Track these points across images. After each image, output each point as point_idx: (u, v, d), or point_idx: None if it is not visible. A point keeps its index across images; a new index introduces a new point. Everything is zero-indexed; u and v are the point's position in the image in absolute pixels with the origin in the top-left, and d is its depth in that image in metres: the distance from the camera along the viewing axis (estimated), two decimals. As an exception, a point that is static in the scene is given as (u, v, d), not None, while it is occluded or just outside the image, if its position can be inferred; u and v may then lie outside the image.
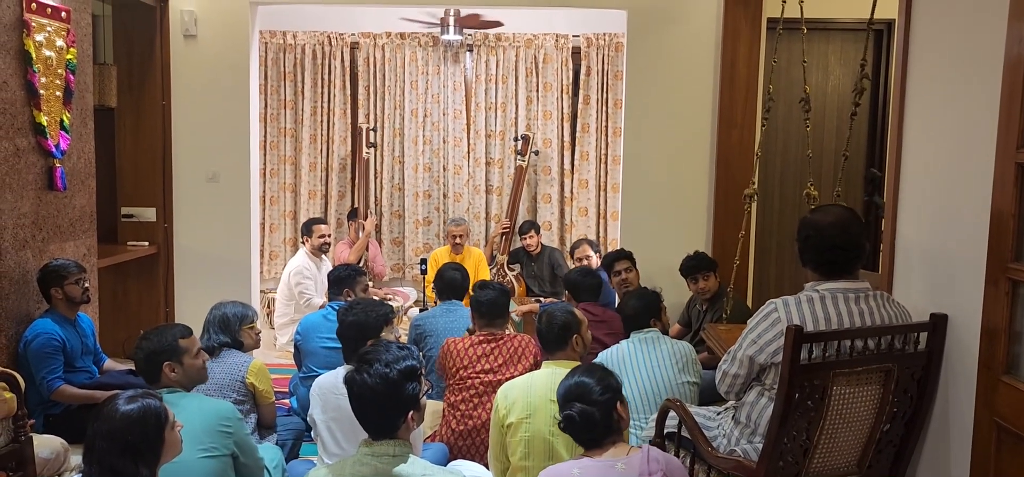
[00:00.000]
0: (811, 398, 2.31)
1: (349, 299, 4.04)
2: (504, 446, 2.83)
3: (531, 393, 2.80)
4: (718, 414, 2.69)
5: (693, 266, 4.41)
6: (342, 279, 4.23)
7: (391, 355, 2.09)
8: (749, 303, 4.91)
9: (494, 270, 6.36)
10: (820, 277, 2.42)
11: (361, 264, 6.19)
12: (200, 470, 2.49)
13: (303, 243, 5.76)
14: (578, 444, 2.26)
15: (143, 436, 2.03)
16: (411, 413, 2.08)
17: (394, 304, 5.89)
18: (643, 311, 3.48)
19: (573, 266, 5.58)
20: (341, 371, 2.99)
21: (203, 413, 2.59)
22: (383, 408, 2.05)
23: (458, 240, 6.05)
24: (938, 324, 2.44)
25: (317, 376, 3.19)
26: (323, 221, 6.03)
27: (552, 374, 2.86)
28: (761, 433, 2.42)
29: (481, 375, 3.36)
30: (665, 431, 2.77)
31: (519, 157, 6.50)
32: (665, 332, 3.54)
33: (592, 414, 2.17)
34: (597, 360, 3.36)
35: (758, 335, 2.42)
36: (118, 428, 2.00)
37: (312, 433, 3.05)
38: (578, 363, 2.99)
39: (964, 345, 2.38)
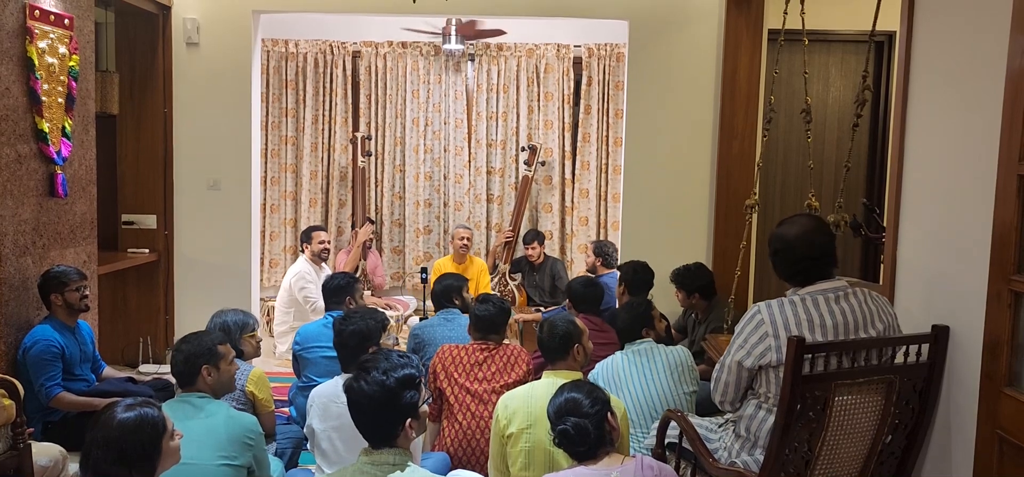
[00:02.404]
0: (812, 409, 2.30)
1: (351, 307, 4.02)
2: (504, 456, 2.82)
3: (532, 403, 2.79)
4: (719, 426, 2.68)
5: (672, 279, 4.45)
6: (342, 288, 4.22)
7: (389, 363, 2.09)
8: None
9: (496, 279, 6.35)
10: (793, 285, 2.45)
11: (358, 273, 6.18)
12: None
13: (303, 250, 5.76)
14: (572, 457, 2.28)
15: (139, 445, 2.02)
16: (409, 421, 2.08)
17: (395, 313, 5.89)
18: (633, 323, 3.43)
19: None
20: (339, 380, 2.99)
21: (230, 422, 2.64)
22: (381, 416, 2.05)
23: (465, 243, 6.03)
24: (940, 335, 2.44)
25: (316, 385, 3.19)
26: (323, 228, 6.03)
27: (553, 384, 2.84)
28: (761, 445, 2.42)
29: (475, 384, 3.36)
30: (666, 441, 2.77)
31: (525, 167, 6.50)
32: (660, 340, 3.50)
33: (585, 427, 2.20)
34: (590, 375, 3.34)
35: (744, 339, 2.43)
36: (114, 436, 2.00)
37: (308, 444, 3.03)
38: (579, 373, 2.98)
39: (966, 357, 2.38)
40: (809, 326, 2.34)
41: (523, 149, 6.62)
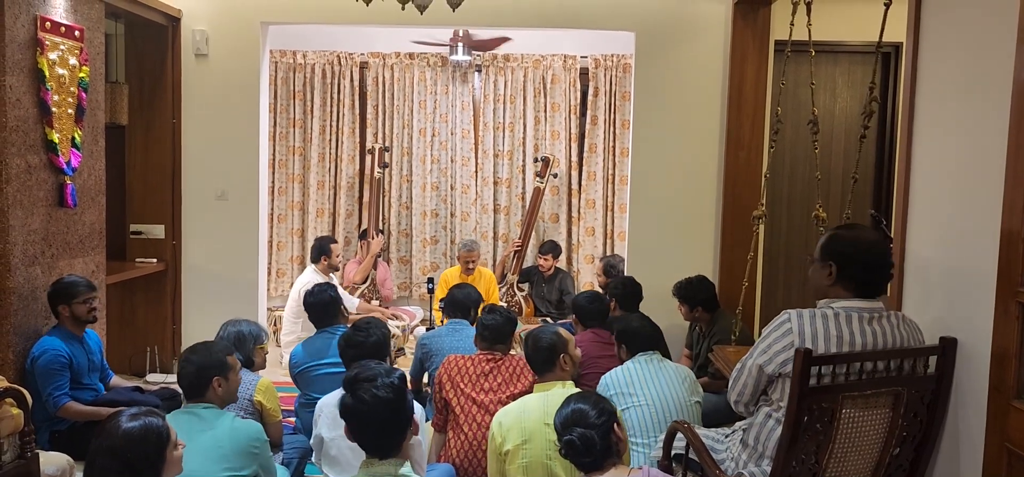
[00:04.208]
0: (820, 421, 2.29)
1: (356, 320, 3.96)
2: (503, 474, 2.82)
3: (525, 418, 2.80)
4: (726, 437, 2.67)
5: (675, 292, 4.45)
6: (335, 301, 4.08)
7: (385, 370, 2.10)
8: (756, 325, 4.89)
9: (503, 289, 6.35)
10: (853, 295, 2.41)
11: (367, 283, 6.19)
12: None
13: (318, 261, 5.69)
14: (578, 469, 2.27)
15: (143, 455, 2.03)
16: (414, 424, 2.10)
17: (400, 323, 5.89)
18: (653, 337, 3.47)
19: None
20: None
21: (235, 432, 2.65)
22: (388, 424, 2.05)
23: (470, 266, 6.04)
24: (947, 348, 2.43)
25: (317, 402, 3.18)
26: (336, 240, 6.04)
27: (544, 398, 2.87)
28: (769, 456, 2.40)
29: (481, 394, 3.36)
30: (673, 452, 2.76)
31: (538, 179, 6.50)
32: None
33: (591, 437, 2.20)
34: (603, 381, 3.35)
35: (768, 344, 2.41)
36: (119, 446, 2.01)
37: (313, 456, 3.03)
38: (569, 382, 2.99)
39: (974, 369, 2.37)
40: (838, 342, 2.31)
41: (536, 160, 6.62)
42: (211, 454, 2.53)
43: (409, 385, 2.41)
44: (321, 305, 4.04)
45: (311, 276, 5.58)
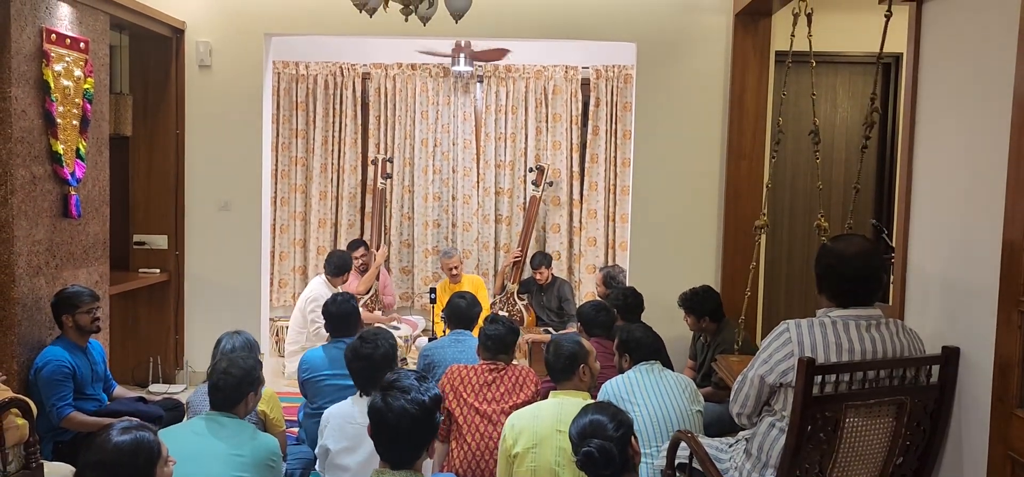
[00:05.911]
0: (823, 430, 2.30)
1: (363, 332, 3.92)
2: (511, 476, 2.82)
3: (537, 423, 2.80)
4: (730, 446, 2.68)
5: (681, 303, 4.45)
6: (354, 312, 4.09)
7: (420, 383, 2.11)
8: (758, 335, 4.89)
9: (503, 298, 6.36)
10: (835, 305, 2.42)
11: (371, 293, 6.20)
12: None
13: (340, 276, 5.68)
14: None
15: (134, 469, 2.02)
16: (432, 444, 2.11)
17: (401, 332, 5.89)
18: (655, 346, 3.46)
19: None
20: (355, 400, 3.00)
21: (255, 445, 2.70)
22: (415, 435, 2.06)
23: (454, 271, 6.08)
24: (950, 357, 2.44)
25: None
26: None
27: (559, 404, 2.86)
28: (772, 465, 2.41)
29: (484, 404, 3.36)
30: (677, 462, 2.76)
31: (533, 187, 6.52)
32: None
33: (610, 450, 2.18)
34: (604, 389, 3.35)
35: (768, 355, 2.41)
36: (109, 460, 2.00)
37: (317, 465, 3.03)
38: (586, 394, 2.99)
39: (977, 378, 2.37)
40: (837, 350, 2.32)
41: (531, 169, 6.65)
42: (231, 462, 2.56)
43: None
44: (343, 315, 4.02)
45: (319, 287, 5.56)
